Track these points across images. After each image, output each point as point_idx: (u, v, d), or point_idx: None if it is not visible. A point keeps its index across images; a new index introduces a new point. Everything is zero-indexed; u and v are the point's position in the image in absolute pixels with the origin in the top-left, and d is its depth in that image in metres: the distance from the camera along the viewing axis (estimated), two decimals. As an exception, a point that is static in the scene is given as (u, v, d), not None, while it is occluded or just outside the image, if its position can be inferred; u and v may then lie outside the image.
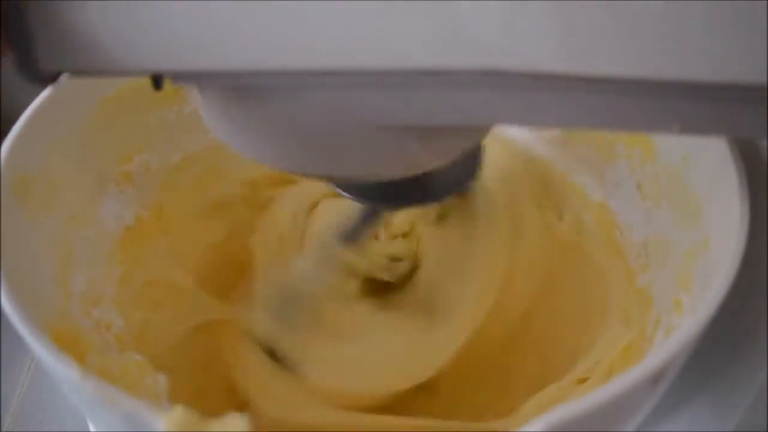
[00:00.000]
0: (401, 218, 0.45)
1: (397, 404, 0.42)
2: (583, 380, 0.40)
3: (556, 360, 0.46)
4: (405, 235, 0.45)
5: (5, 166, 0.34)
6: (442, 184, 0.37)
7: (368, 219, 0.41)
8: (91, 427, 0.41)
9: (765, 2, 0.20)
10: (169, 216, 0.46)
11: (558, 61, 0.21)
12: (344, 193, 0.36)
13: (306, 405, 0.40)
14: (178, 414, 0.24)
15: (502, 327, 0.46)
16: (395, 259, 0.45)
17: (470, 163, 0.38)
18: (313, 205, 0.47)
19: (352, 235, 0.41)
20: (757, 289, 0.35)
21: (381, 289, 0.46)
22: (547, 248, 0.47)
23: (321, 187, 0.47)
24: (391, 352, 0.42)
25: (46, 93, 0.37)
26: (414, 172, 0.29)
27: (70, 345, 0.32)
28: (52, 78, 0.24)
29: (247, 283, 0.47)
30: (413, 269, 0.46)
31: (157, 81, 0.26)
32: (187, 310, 0.45)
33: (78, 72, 0.24)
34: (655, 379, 0.26)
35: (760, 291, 0.35)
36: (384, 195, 0.36)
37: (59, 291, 0.36)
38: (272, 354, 0.44)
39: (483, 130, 0.32)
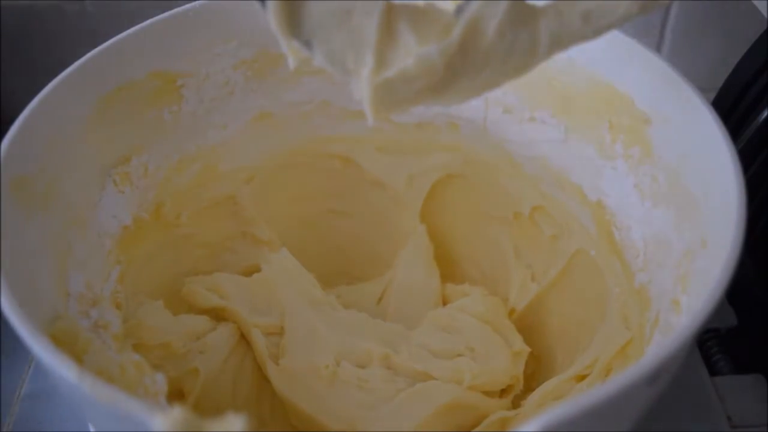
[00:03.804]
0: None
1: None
2: (581, 377, 0.40)
3: (554, 358, 0.47)
4: None
5: (4, 165, 0.34)
6: None
7: None
8: (91, 428, 0.41)
9: None
10: (167, 216, 0.46)
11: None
12: None
13: None
14: (177, 414, 0.24)
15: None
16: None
17: None
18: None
19: None
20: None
21: None
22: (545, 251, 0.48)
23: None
24: None
25: (44, 93, 0.37)
26: None
27: (67, 345, 0.32)
28: None
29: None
30: None
31: None
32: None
33: None
34: (652, 378, 0.26)
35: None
36: None
37: (57, 291, 0.36)
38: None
39: None
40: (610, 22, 0.28)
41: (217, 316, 0.46)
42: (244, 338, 0.45)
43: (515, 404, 0.44)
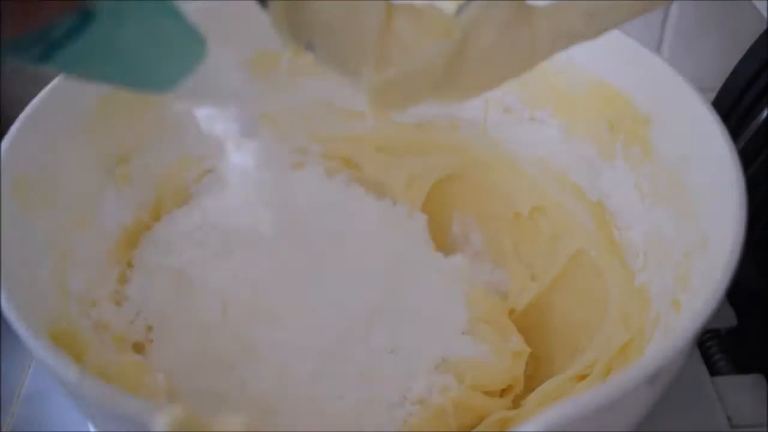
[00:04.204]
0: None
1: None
2: (581, 378, 0.40)
3: (554, 358, 0.47)
4: None
5: (4, 165, 0.34)
6: None
7: None
8: (91, 428, 0.41)
9: None
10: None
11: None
12: None
13: None
14: (177, 414, 0.24)
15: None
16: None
17: None
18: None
19: None
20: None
21: None
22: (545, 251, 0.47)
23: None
24: None
25: (44, 93, 0.37)
26: None
27: (68, 345, 0.32)
28: None
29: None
30: None
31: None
32: None
33: None
34: (652, 378, 0.26)
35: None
36: None
37: (57, 291, 0.36)
38: None
39: None
40: (611, 22, 0.28)
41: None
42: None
43: (515, 404, 0.44)
